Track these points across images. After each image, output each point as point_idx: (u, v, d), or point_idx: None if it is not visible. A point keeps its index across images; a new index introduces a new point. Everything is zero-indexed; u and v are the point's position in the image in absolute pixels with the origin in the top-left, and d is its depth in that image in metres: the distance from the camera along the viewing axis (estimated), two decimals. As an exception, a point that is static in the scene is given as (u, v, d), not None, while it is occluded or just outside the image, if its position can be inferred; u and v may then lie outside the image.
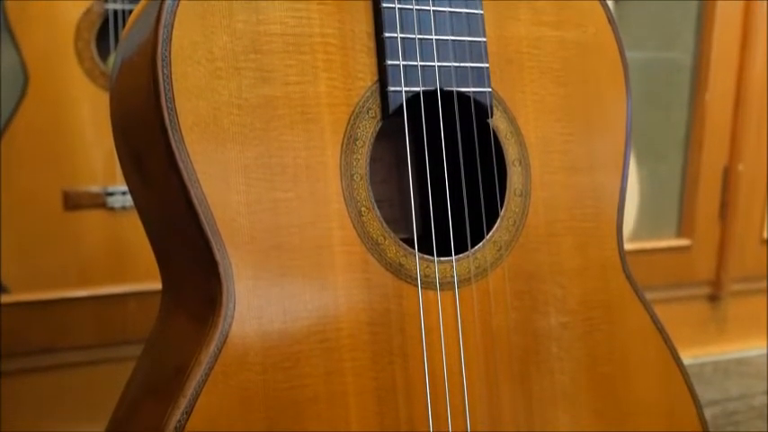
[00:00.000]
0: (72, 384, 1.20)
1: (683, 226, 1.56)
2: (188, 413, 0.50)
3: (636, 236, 1.50)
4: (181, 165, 0.51)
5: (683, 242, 1.54)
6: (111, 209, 1.20)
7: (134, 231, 0.77)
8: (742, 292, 1.61)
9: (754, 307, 1.63)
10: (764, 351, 1.61)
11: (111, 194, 1.20)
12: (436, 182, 0.60)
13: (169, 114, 0.51)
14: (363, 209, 0.56)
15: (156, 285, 0.64)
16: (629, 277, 0.67)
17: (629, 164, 0.67)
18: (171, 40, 0.50)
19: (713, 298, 1.61)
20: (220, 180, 0.52)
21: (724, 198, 1.54)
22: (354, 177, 0.56)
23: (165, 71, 0.50)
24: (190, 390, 0.50)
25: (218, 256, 0.51)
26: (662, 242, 1.54)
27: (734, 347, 1.62)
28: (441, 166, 0.59)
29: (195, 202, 0.51)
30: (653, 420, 0.68)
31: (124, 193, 1.20)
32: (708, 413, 0.70)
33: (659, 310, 0.69)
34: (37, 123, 1.13)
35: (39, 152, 1.14)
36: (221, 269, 0.52)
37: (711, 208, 1.54)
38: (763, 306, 1.63)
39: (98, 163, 1.19)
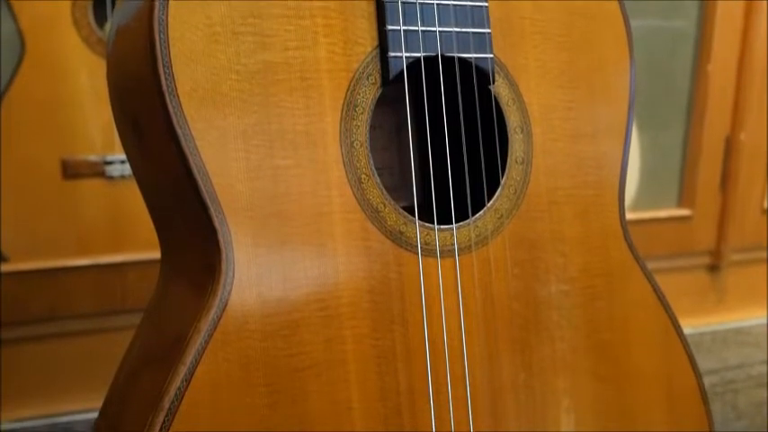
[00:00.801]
0: (72, 353, 1.20)
1: (684, 196, 1.55)
2: (187, 381, 0.50)
3: (636, 205, 1.49)
4: (179, 131, 0.50)
5: (684, 212, 1.54)
6: (110, 178, 1.19)
7: (133, 200, 0.77)
8: (742, 262, 1.61)
9: (754, 277, 1.64)
10: (764, 321, 1.62)
11: (109, 163, 1.19)
12: (437, 149, 0.59)
13: (166, 79, 0.50)
14: (363, 176, 0.55)
15: (156, 255, 0.63)
16: (630, 246, 0.66)
17: (631, 132, 0.66)
18: (168, 4, 0.50)
19: (713, 268, 1.61)
20: (219, 147, 0.51)
21: (725, 168, 1.53)
22: (354, 144, 0.55)
23: (162, 36, 0.50)
24: (189, 357, 0.50)
25: (216, 224, 0.51)
26: (662, 212, 1.54)
27: (733, 317, 1.63)
28: (441, 133, 0.59)
29: (193, 169, 0.51)
30: (652, 388, 0.68)
31: (123, 162, 1.19)
32: (706, 382, 0.70)
33: (659, 280, 0.69)
34: (34, 92, 1.12)
35: (36, 121, 1.13)
36: (220, 236, 0.51)
37: (712, 178, 1.53)
38: (763, 276, 1.63)
39: (97, 132, 1.18)
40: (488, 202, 0.60)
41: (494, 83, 0.60)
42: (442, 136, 0.59)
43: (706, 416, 0.71)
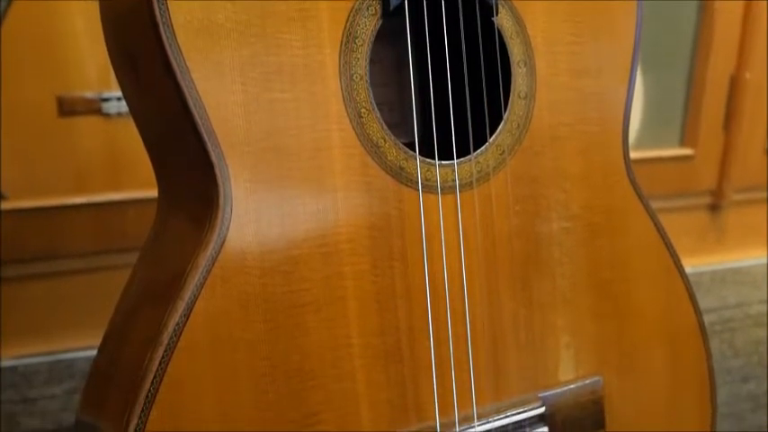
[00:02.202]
0: (72, 291, 1.21)
1: (687, 135, 1.54)
2: (186, 316, 0.50)
3: (638, 145, 1.48)
4: (174, 63, 0.49)
5: (686, 151, 1.53)
6: (107, 115, 1.18)
7: (131, 138, 0.76)
8: (743, 202, 1.60)
9: (755, 217, 1.63)
10: (763, 261, 1.62)
11: (106, 100, 1.18)
12: (438, 84, 0.58)
13: (160, 10, 0.49)
14: (363, 110, 0.54)
15: (155, 193, 0.62)
16: (633, 183, 0.66)
17: (636, 71, 0.65)
18: (161, -70, 0.48)
19: (714, 208, 1.60)
20: (215, 79, 0.50)
21: (729, 107, 1.52)
22: (354, 78, 0.54)
23: (155, -36, 0.48)
24: (187, 293, 0.50)
25: (213, 158, 0.50)
26: (665, 151, 1.53)
27: (732, 257, 1.63)
28: (443, 67, 0.57)
29: (189, 102, 0.50)
30: (652, 325, 0.68)
31: (119, 99, 1.17)
32: (704, 320, 0.71)
33: (660, 220, 0.68)
34: (28, 28, 1.10)
35: (30, 57, 1.11)
36: (217, 171, 0.50)
37: (716, 117, 1.52)
38: (764, 216, 1.63)
39: (92, 68, 1.16)
40: (490, 137, 0.59)
41: (497, 14, 0.58)
42: (443, 70, 0.57)
43: (705, 353, 0.71)
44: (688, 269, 0.69)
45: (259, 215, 0.52)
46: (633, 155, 0.66)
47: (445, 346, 0.58)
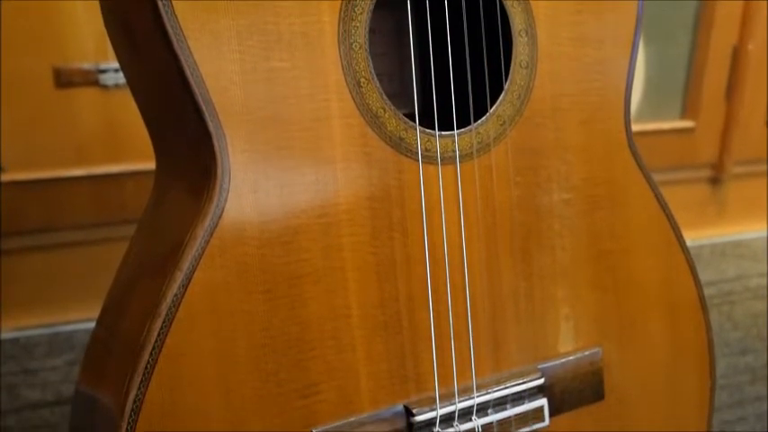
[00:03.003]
0: (71, 263, 1.21)
1: (688, 107, 1.53)
2: (184, 287, 0.50)
3: (639, 117, 1.47)
4: (170, 31, 0.48)
5: (687, 123, 1.52)
6: (105, 86, 1.17)
7: (129, 110, 0.75)
8: (743, 175, 1.60)
9: (755, 190, 1.63)
10: (763, 234, 1.62)
11: (103, 71, 1.17)
12: (438, 53, 0.58)
13: (157, -22, 0.48)
14: (362, 80, 0.54)
15: (154, 165, 0.62)
16: (634, 155, 0.65)
17: (639, 42, 0.64)
18: None
19: (714, 181, 1.60)
20: (212, 47, 0.49)
21: (731, 79, 1.51)
22: (353, 46, 0.53)
23: (151, -71, 0.47)
24: (186, 264, 0.50)
25: (211, 128, 0.50)
26: (665, 123, 1.52)
27: (733, 230, 1.63)
28: (443, 36, 0.57)
29: (186, 71, 0.49)
30: (652, 297, 0.68)
31: (117, 71, 1.17)
32: (704, 293, 0.70)
33: (660, 193, 0.68)
34: (23, -2, 1.09)
35: (27, 28, 1.10)
36: (215, 141, 0.50)
37: (718, 89, 1.51)
38: (764, 189, 1.63)
39: (89, 39, 1.15)
40: (491, 107, 0.59)
41: (498, -17, 0.58)
42: (443, 39, 0.57)
43: (705, 326, 0.71)
44: (688, 242, 0.68)
45: (257, 186, 0.52)
46: (633, 127, 0.66)
47: (445, 318, 0.58)
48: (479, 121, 0.58)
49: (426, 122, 0.57)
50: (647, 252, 0.67)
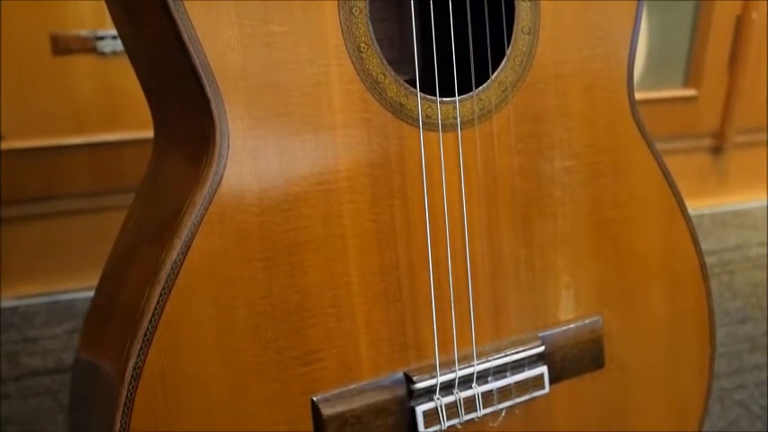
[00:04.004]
0: (71, 232, 1.21)
1: (691, 76, 1.52)
2: (183, 254, 0.49)
3: (641, 85, 1.46)
4: (168, -5, 0.48)
5: (690, 92, 1.51)
6: (102, 54, 1.16)
7: (128, 78, 0.75)
8: (745, 145, 1.59)
9: (756, 159, 1.62)
10: (764, 203, 1.62)
11: (101, 39, 1.16)
12: (439, 19, 0.57)
13: (153, -60, 0.47)
14: (363, 45, 0.53)
15: (153, 133, 0.61)
16: (637, 122, 0.65)
17: (643, 5, 0.63)
18: None
19: (716, 150, 1.59)
20: (210, 11, 0.48)
21: (734, 48, 1.49)
22: (353, 11, 0.52)
23: None
24: (185, 231, 0.49)
25: (209, 93, 0.49)
26: (668, 92, 1.51)
27: (733, 199, 1.63)
28: (445, 1, 0.56)
29: (184, 35, 0.48)
30: (653, 265, 0.67)
31: (114, 38, 1.16)
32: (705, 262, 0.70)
33: (662, 161, 0.67)
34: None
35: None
36: (213, 107, 0.49)
37: (721, 58, 1.50)
38: (765, 159, 1.62)
39: (87, 6, 1.14)
40: (493, 73, 0.58)
41: (501, -54, 0.57)
42: (445, 4, 0.56)
43: (705, 294, 0.71)
44: (689, 211, 0.68)
45: (257, 152, 0.51)
46: (636, 96, 0.65)
47: (445, 285, 0.58)
48: (481, 88, 0.57)
49: (427, 89, 0.56)
50: (649, 220, 0.67)
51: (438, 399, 0.58)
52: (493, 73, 0.58)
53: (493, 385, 0.60)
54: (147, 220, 0.57)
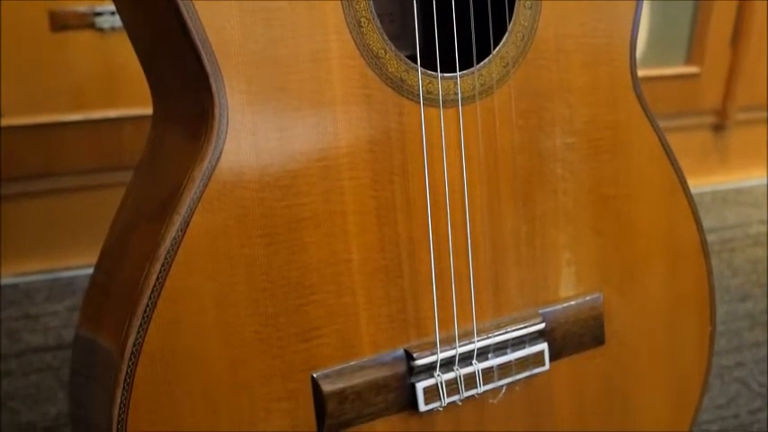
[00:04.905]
0: (70, 209, 1.20)
1: (693, 53, 1.51)
2: (183, 230, 0.49)
3: (643, 62, 1.45)
4: (165, -32, 0.47)
5: (692, 69, 1.50)
6: (101, 29, 1.16)
7: (126, 54, 0.74)
8: (746, 122, 1.59)
9: (758, 137, 1.62)
10: (764, 181, 1.61)
11: (99, 14, 1.15)
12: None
13: None
14: (363, 20, 0.52)
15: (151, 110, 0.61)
16: (639, 98, 0.64)
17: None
18: None
19: (718, 127, 1.59)
20: (209, -15, 0.48)
21: (737, 25, 1.48)
22: (353, -15, 0.52)
23: None
24: (184, 207, 0.49)
25: (208, 68, 0.49)
26: (670, 69, 1.50)
27: (734, 177, 1.62)
28: (446, -26, 0.55)
29: (182, 9, 0.48)
30: (654, 242, 0.67)
31: (113, 14, 1.15)
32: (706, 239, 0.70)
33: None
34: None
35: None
36: (212, 82, 0.49)
37: (723, 35, 1.49)
38: (767, 136, 1.62)
39: (84, -19, 1.13)
40: (494, 49, 0.57)
41: None
42: (446, -22, 0.55)
43: (706, 272, 0.71)
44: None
45: (256, 128, 0.51)
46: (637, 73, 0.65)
47: (445, 262, 0.58)
48: (482, 63, 0.57)
49: (428, 64, 0.55)
50: (651, 197, 0.66)
51: (438, 375, 0.59)
52: (494, 48, 0.57)
53: (493, 362, 0.60)
54: (147, 196, 0.57)
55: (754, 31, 1.49)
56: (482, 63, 0.57)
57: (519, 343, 0.62)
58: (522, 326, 0.61)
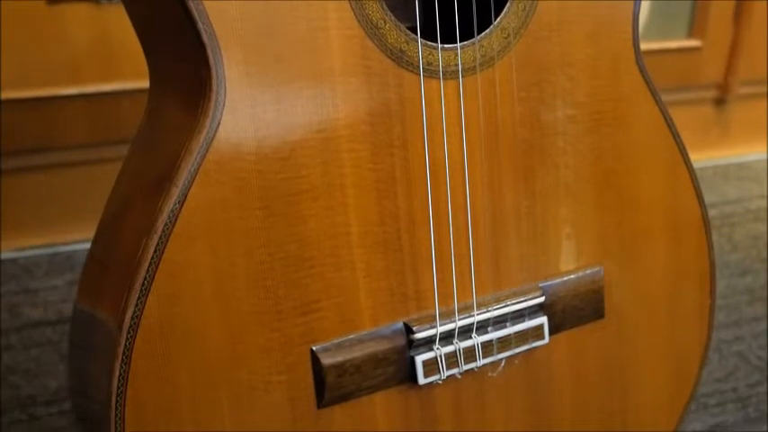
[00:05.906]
0: (69, 183, 1.20)
1: (695, 26, 1.50)
2: (180, 203, 0.49)
3: (645, 36, 1.44)
4: (161, -63, 0.46)
5: (694, 43, 1.49)
6: (98, 2, 1.15)
7: (124, 27, 0.73)
8: (748, 96, 1.58)
9: (759, 112, 1.61)
10: (765, 156, 1.61)
11: (96, -14, 1.14)
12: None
13: None
14: (362, -11, 0.52)
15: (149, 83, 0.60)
16: (641, 70, 0.63)
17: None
18: None
19: (719, 101, 1.58)
20: (205, -46, 0.47)
21: (740, -2, 1.47)
22: (352, -46, 0.51)
23: None
24: (181, 179, 0.49)
25: (205, 39, 0.48)
26: (672, 42, 1.49)
27: (735, 152, 1.62)
28: (446, -56, 0.54)
29: (179, -21, 0.47)
30: (655, 216, 0.67)
31: (110, -14, 1.14)
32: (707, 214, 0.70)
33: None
34: None
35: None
36: (209, 52, 0.48)
37: (726, 8, 1.48)
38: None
39: (80, -47, 1.12)
40: (495, 19, 0.57)
41: None
42: (446, -53, 0.54)
43: (707, 246, 0.70)
44: (691, 163, 0.67)
45: (254, 99, 0.50)
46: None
47: (445, 234, 0.58)
48: (483, 34, 0.56)
49: (428, 36, 0.55)
50: (652, 171, 0.66)
51: (438, 348, 0.58)
52: (495, 18, 0.57)
53: (493, 335, 0.60)
54: (144, 168, 0.56)
55: (757, 4, 1.48)
56: (483, 34, 0.56)
57: (518, 316, 0.62)
58: (521, 299, 0.61)
